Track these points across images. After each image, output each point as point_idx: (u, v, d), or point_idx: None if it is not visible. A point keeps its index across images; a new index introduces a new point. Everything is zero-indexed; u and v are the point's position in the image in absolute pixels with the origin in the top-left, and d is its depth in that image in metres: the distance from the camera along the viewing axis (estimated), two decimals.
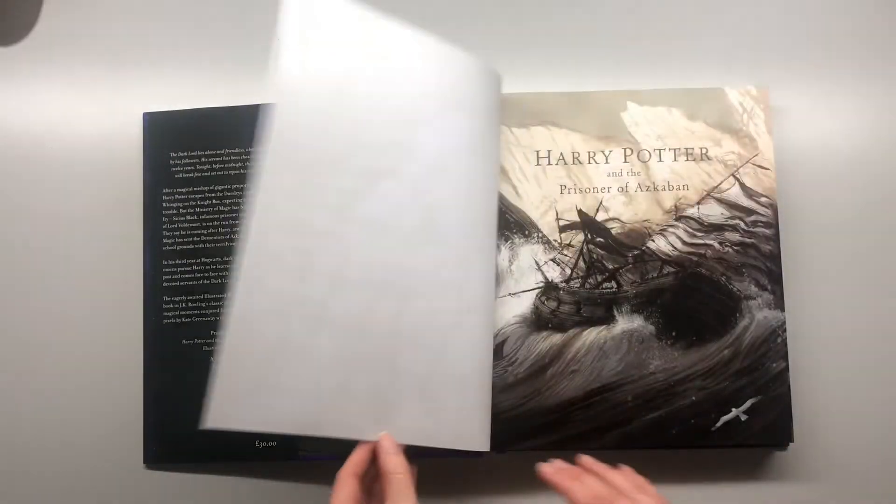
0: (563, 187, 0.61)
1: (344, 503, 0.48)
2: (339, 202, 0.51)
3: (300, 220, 0.50)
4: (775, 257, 0.59)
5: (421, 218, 0.54)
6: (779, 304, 0.59)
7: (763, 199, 0.60)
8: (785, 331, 0.58)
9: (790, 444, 0.58)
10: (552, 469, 0.53)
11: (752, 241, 0.60)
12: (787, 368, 0.58)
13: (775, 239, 0.60)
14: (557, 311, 0.59)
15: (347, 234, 0.51)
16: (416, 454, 0.56)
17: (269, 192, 0.50)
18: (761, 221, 0.60)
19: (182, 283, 0.61)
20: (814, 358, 0.60)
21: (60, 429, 0.61)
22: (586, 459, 0.54)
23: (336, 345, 0.51)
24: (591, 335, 0.59)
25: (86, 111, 0.65)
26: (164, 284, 0.61)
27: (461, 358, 0.55)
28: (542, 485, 0.60)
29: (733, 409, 0.58)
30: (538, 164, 0.61)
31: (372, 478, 0.52)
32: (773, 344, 0.58)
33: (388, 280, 0.52)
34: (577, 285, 0.60)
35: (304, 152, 0.51)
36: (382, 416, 0.52)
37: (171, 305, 0.61)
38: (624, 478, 0.51)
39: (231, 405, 0.49)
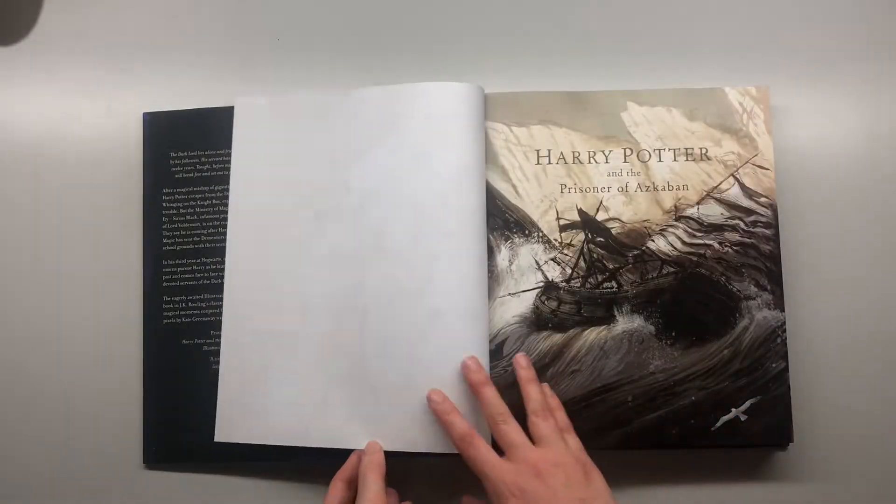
0: (563, 187, 0.61)
1: None
2: (296, 248, 0.60)
3: (266, 268, 0.60)
4: (775, 257, 0.59)
5: (367, 241, 0.59)
6: (778, 304, 0.59)
7: (763, 200, 0.60)
8: (785, 331, 0.58)
9: (790, 444, 0.58)
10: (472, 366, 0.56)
11: (752, 241, 0.60)
12: (786, 368, 0.58)
13: (775, 239, 0.60)
14: (558, 310, 0.59)
15: (307, 271, 0.59)
16: (415, 454, 0.56)
17: (236, 249, 0.60)
18: (761, 221, 0.60)
19: (182, 283, 0.61)
20: (814, 358, 0.60)
21: (60, 428, 0.61)
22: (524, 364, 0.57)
23: (311, 366, 0.58)
24: (592, 335, 0.59)
25: (86, 111, 0.65)
26: (164, 284, 0.61)
27: (436, 363, 0.56)
28: None
29: (733, 409, 0.58)
30: (538, 164, 0.61)
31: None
32: (773, 344, 0.58)
33: (347, 302, 0.58)
34: (578, 285, 0.60)
35: (259, 215, 0.60)
36: (368, 426, 0.57)
37: (171, 305, 0.61)
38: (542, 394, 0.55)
39: (232, 422, 0.58)
